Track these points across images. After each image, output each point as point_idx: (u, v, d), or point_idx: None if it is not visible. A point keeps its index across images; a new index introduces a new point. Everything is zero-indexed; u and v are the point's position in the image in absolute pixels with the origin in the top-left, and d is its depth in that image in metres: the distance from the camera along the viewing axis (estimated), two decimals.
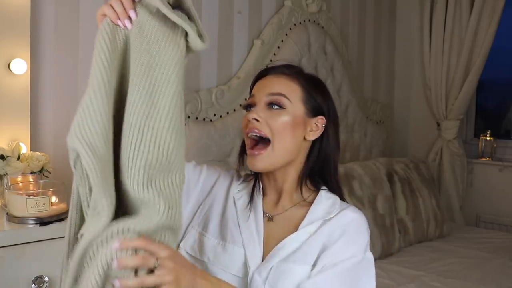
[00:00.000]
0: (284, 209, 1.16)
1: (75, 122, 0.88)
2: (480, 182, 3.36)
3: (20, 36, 1.78)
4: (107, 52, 0.90)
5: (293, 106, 1.12)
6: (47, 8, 1.89)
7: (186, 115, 2.23)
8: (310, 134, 1.15)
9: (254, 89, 1.17)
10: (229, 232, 1.15)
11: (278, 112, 1.11)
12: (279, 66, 1.19)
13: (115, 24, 0.93)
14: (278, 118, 1.10)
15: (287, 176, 1.15)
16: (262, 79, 1.18)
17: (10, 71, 1.76)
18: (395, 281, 2.23)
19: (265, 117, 1.10)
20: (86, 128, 0.86)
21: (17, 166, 1.68)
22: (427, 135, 3.47)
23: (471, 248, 2.73)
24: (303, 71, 1.20)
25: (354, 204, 2.44)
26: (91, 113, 0.87)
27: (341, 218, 1.11)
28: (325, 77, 2.84)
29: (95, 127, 0.87)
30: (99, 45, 0.91)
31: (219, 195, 1.21)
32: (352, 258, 1.06)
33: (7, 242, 1.48)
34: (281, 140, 1.10)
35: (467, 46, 3.13)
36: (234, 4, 2.50)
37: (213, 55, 2.43)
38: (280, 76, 1.15)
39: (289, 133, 1.11)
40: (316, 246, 1.08)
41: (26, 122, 1.81)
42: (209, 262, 1.12)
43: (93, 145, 0.86)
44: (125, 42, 0.94)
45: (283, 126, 1.10)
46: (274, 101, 1.11)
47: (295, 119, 1.12)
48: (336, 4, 3.07)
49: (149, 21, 0.92)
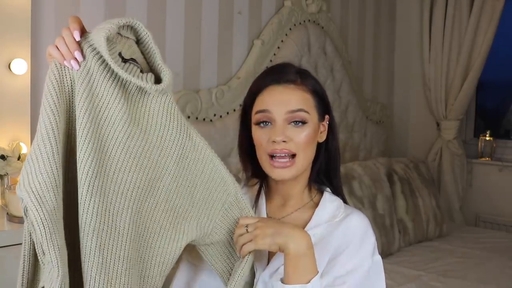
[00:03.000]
0: (289, 212, 1.16)
1: (23, 171, 0.84)
2: (479, 182, 3.36)
3: (20, 36, 1.78)
4: (55, 95, 0.86)
5: (311, 117, 1.11)
6: (47, 8, 1.89)
7: (186, 115, 2.24)
8: (321, 136, 1.16)
9: (266, 103, 1.11)
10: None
11: (302, 128, 1.10)
12: (277, 73, 1.14)
13: (62, 65, 0.89)
14: (302, 133, 1.09)
15: (299, 181, 1.15)
16: (267, 90, 1.12)
17: (10, 71, 1.76)
18: (395, 281, 2.23)
19: (291, 136, 1.09)
20: (35, 179, 0.83)
21: (18, 166, 1.68)
22: (427, 135, 3.47)
23: (471, 248, 2.73)
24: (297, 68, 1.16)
25: (354, 204, 2.44)
26: (40, 163, 0.83)
27: (347, 226, 1.11)
28: (325, 77, 2.84)
29: (44, 178, 0.83)
30: (46, 88, 0.87)
31: None
32: (361, 267, 1.06)
33: (8, 242, 1.48)
34: (306, 153, 1.11)
35: (467, 46, 3.13)
36: (234, 4, 2.50)
37: (213, 55, 2.43)
38: (290, 86, 1.11)
39: (310, 144, 1.11)
40: (325, 254, 1.07)
41: (26, 122, 1.81)
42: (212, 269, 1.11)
43: (41, 197, 0.82)
44: (73, 83, 0.89)
45: (307, 140, 1.10)
46: (297, 117, 1.09)
47: (314, 128, 1.12)
48: (336, 4, 3.07)
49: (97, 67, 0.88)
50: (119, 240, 0.89)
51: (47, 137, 0.84)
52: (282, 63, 1.19)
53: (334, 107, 2.85)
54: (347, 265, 1.06)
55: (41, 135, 0.85)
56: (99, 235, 0.87)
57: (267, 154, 1.10)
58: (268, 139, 1.09)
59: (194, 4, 2.35)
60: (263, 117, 1.11)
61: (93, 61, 0.88)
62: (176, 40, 2.29)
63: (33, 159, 0.84)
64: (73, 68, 0.89)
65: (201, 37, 2.38)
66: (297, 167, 1.10)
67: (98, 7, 2.02)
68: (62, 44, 0.89)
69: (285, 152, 1.09)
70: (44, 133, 0.84)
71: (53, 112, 0.85)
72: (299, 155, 1.09)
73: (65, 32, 0.89)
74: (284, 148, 1.08)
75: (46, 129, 0.84)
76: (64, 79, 0.89)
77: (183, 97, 2.22)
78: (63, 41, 0.89)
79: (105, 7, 2.04)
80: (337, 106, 2.96)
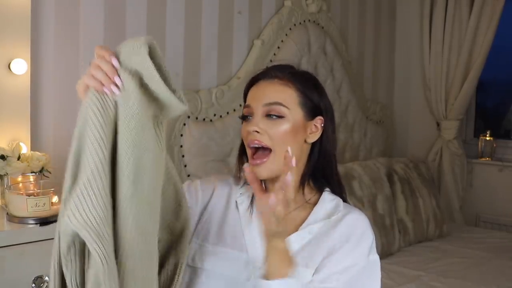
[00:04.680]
0: (287, 211, 1.16)
1: (72, 205, 0.82)
2: (480, 182, 3.36)
3: (20, 36, 1.78)
4: (101, 128, 0.84)
5: (291, 112, 1.10)
6: (47, 8, 1.89)
7: (186, 115, 2.24)
8: (311, 136, 1.14)
9: (249, 98, 1.14)
10: (230, 238, 1.14)
11: (277, 121, 1.09)
12: (270, 70, 1.16)
13: (102, 93, 0.86)
14: (278, 127, 1.09)
15: None
16: (255, 85, 1.15)
17: (10, 71, 1.75)
18: (395, 281, 2.23)
19: (265, 128, 1.09)
20: (89, 213, 0.81)
21: (17, 166, 1.68)
22: (427, 135, 3.47)
23: (471, 248, 2.73)
24: (295, 69, 1.17)
25: (354, 204, 2.44)
26: (92, 197, 0.82)
27: (345, 224, 1.10)
28: (325, 77, 2.84)
29: (98, 213, 0.82)
30: (91, 122, 0.84)
31: (218, 204, 1.20)
32: (355, 266, 1.06)
33: (7, 242, 1.48)
34: (282, 148, 1.08)
35: (467, 46, 3.13)
36: (234, 4, 2.50)
37: (213, 55, 2.43)
38: (274, 81, 1.12)
39: (290, 140, 1.09)
40: (320, 252, 1.07)
41: (26, 122, 1.81)
42: (210, 270, 1.12)
43: (99, 233, 0.81)
44: (115, 108, 0.87)
45: (283, 135, 1.09)
46: (272, 111, 1.09)
47: (294, 125, 1.10)
48: (336, 4, 3.07)
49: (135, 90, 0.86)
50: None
51: (97, 172, 0.83)
52: (284, 64, 1.20)
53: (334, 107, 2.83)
54: (342, 262, 1.05)
55: (90, 169, 0.83)
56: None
57: (248, 147, 1.11)
58: (247, 132, 1.11)
59: (194, 4, 2.35)
60: (246, 112, 1.13)
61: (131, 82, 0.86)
62: (176, 40, 2.29)
63: (84, 193, 0.82)
64: (114, 93, 0.86)
65: (201, 37, 2.38)
66: (272, 165, 1.08)
67: (98, 7, 2.02)
68: (99, 72, 0.86)
69: (256, 143, 1.08)
70: (94, 168, 0.83)
71: (100, 147, 0.84)
72: (274, 151, 1.08)
73: (100, 61, 0.87)
74: (256, 138, 1.08)
75: (95, 163, 0.83)
76: (107, 106, 0.86)
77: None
78: (99, 69, 0.86)
79: (105, 7, 2.04)
80: (337, 106, 2.96)
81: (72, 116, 0.88)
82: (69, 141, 0.88)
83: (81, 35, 1.98)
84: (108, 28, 2.05)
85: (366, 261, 1.08)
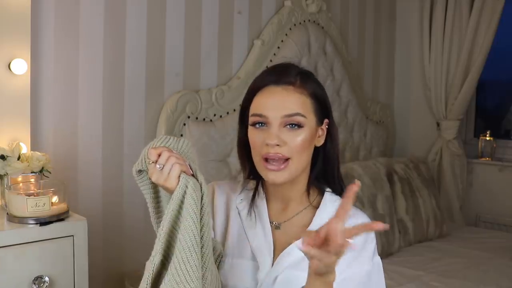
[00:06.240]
0: (291, 215, 1.15)
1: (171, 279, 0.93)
2: (480, 182, 3.36)
3: (20, 36, 1.78)
4: (196, 208, 0.96)
5: (308, 121, 1.09)
6: (47, 8, 1.89)
7: (186, 115, 2.24)
8: (319, 140, 1.14)
9: (261, 106, 1.10)
10: (235, 247, 1.14)
11: (297, 132, 1.08)
12: (278, 73, 1.12)
13: (190, 176, 0.98)
14: (298, 137, 1.08)
15: (297, 184, 1.14)
16: (264, 91, 1.11)
17: (10, 71, 1.75)
18: (395, 281, 2.23)
19: (285, 139, 1.07)
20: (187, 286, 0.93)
21: (17, 166, 1.68)
22: (427, 135, 3.47)
23: (471, 248, 2.73)
24: (299, 68, 1.15)
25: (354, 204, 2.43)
26: (190, 272, 0.93)
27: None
28: (325, 77, 2.84)
29: (195, 285, 0.93)
30: (193, 202, 0.96)
31: (219, 214, 1.20)
32: (361, 271, 1.06)
33: (7, 242, 1.48)
34: (300, 156, 1.08)
35: (467, 46, 3.13)
36: (234, 4, 2.50)
37: (213, 55, 2.43)
38: (288, 88, 1.09)
39: (306, 148, 1.10)
40: None
41: (26, 122, 1.81)
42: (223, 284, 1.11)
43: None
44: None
45: (302, 144, 1.08)
46: (293, 121, 1.08)
47: (311, 132, 1.10)
48: (336, 4, 3.07)
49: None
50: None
51: (193, 248, 0.94)
52: (285, 63, 1.17)
53: (334, 107, 2.85)
54: (348, 266, 1.05)
55: (187, 245, 0.94)
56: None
57: (261, 156, 1.08)
58: (262, 141, 1.08)
59: (194, 4, 2.35)
60: (258, 120, 1.10)
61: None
62: (176, 40, 2.29)
63: (182, 268, 0.93)
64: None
65: (201, 37, 2.38)
66: (290, 171, 1.08)
67: (98, 7, 2.02)
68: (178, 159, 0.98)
69: (278, 156, 1.07)
70: (190, 244, 0.94)
71: (195, 224, 0.95)
72: (293, 159, 1.08)
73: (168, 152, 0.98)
74: (278, 152, 1.06)
75: (191, 240, 0.94)
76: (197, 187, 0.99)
77: (183, 97, 2.22)
78: (176, 157, 0.97)
79: (105, 7, 2.04)
80: (337, 106, 2.96)
81: (72, 116, 0.88)
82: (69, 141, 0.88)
83: (81, 35, 1.98)
84: (108, 28, 2.05)
85: (371, 264, 1.08)
